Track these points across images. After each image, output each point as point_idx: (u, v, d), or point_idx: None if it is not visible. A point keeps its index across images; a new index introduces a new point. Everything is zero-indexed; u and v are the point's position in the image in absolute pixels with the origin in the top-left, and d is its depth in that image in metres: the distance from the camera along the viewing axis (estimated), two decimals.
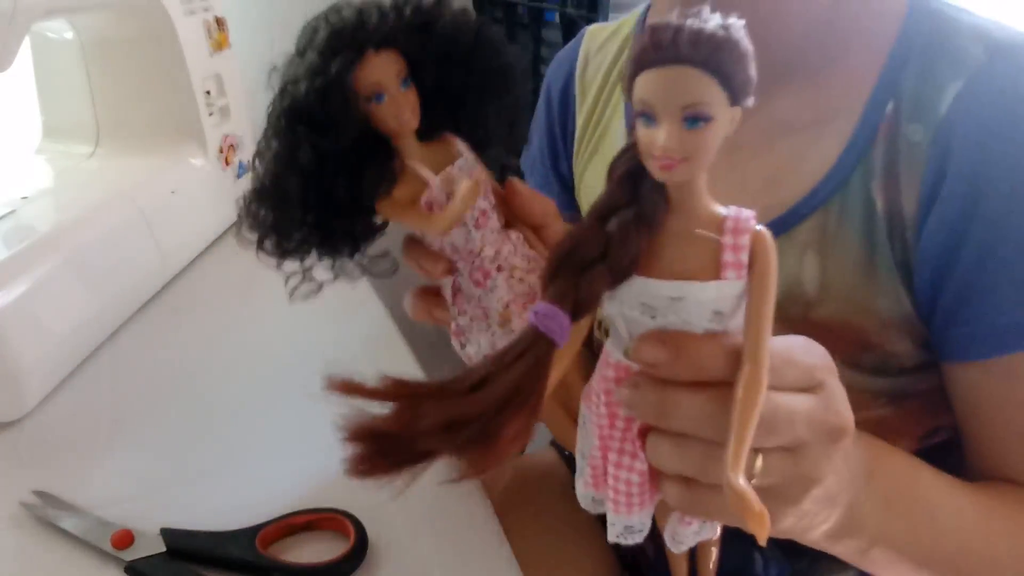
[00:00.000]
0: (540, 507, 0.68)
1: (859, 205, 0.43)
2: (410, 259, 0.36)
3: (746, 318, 0.24)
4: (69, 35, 0.74)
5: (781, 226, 0.45)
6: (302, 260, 0.36)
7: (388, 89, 0.31)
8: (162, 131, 0.78)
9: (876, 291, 0.43)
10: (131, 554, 0.41)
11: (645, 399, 0.26)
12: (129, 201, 0.68)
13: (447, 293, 0.36)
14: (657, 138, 0.21)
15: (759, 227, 0.24)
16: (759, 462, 0.26)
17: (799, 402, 0.26)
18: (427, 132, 0.34)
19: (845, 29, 0.45)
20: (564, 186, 0.64)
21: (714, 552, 0.34)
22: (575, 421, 0.34)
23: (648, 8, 0.58)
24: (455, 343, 0.37)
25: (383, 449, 0.24)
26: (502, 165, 0.37)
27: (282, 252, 0.36)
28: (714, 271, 0.24)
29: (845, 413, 0.28)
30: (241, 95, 0.88)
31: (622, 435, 0.28)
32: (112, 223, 0.65)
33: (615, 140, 0.57)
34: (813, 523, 0.31)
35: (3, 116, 0.89)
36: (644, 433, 0.28)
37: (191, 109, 0.78)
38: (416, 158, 0.33)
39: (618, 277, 0.24)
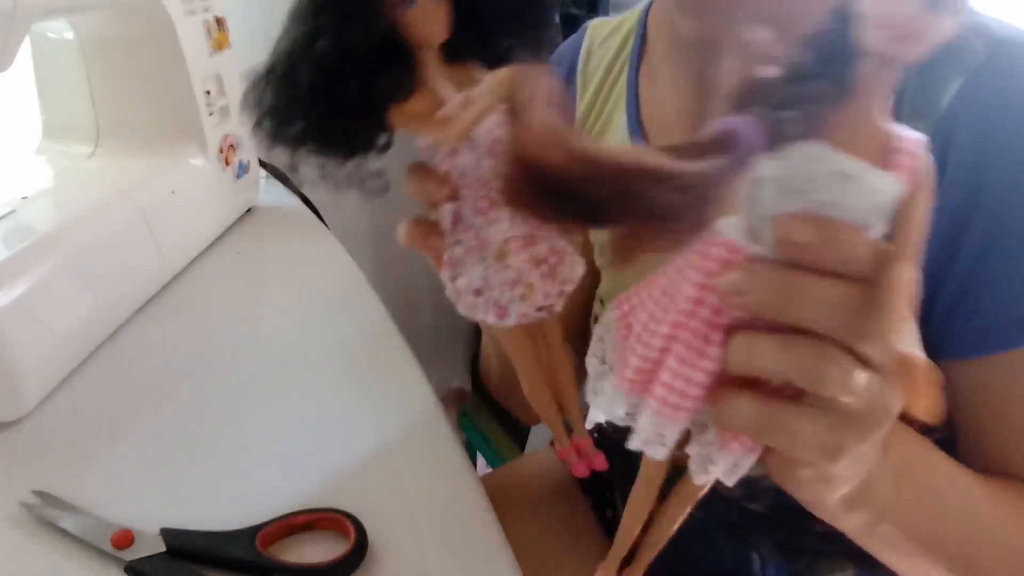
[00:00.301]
0: (540, 507, 0.68)
1: None
2: (414, 181, 0.34)
3: (905, 218, 0.23)
4: (69, 35, 0.74)
5: None
6: (294, 151, 0.35)
7: None
8: (162, 131, 0.78)
9: None
10: (131, 554, 0.41)
11: (767, 282, 0.24)
12: (129, 201, 0.68)
13: (446, 220, 0.35)
14: (900, 6, 0.21)
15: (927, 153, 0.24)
16: (862, 382, 0.25)
17: (910, 327, 0.25)
18: (453, 56, 0.33)
19: None
20: None
21: (686, 512, 0.32)
22: (561, 410, 0.33)
23: (650, 5, 0.58)
24: (445, 276, 0.36)
25: (545, 190, 0.20)
26: None
27: (277, 138, 0.34)
28: (886, 165, 0.23)
29: (920, 353, 0.28)
30: (241, 95, 0.87)
31: (699, 327, 0.26)
32: (112, 223, 0.65)
33: (616, 134, 0.57)
34: (856, 473, 0.30)
35: (3, 116, 0.89)
36: (726, 332, 0.26)
37: (191, 109, 0.78)
38: (438, 74, 0.32)
39: (810, 133, 0.23)
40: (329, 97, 0.32)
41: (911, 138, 0.24)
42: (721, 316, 0.26)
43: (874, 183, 0.23)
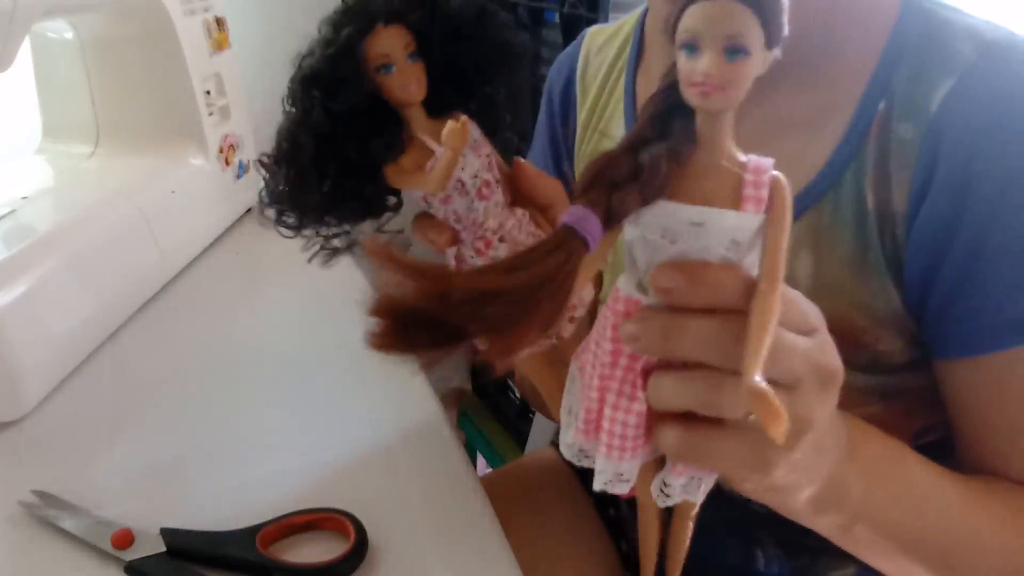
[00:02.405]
0: (540, 507, 0.68)
1: (851, 202, 0.43)
2: (418, 232, 0.37)
3: (764, 247, 0.25)
4: (69, 35, 0.74)
5: None
6: (317, 229, 0.39)
7: (396, 60, 0.33)
8: (162, 131, 0.78)
9: (867, 288, 0.43)
10: (131, 554, 0.41)
11: (652, 327, 0.26)
12: (129, 201, 0.68)
13: (451, 262, 0.37)
14: (699, 65, 0.23)
15: (776, 172, 0.26)
16: None
17: (798, 340, 0.27)
18: (438, 110, 0.36)
19: (841, 29, 0.45)
20: (566, 185, 0.64)
21: (690, 527, 0.34)
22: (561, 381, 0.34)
23: (647, 10, 0.58)
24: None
25: (406, 324, 0.23)
26: (511, 147, 0.39)
27: (299, 219, 0.38)
28: (735, 202, 0.25)
29: (836, 360, 0.29)
30: (241, 95, 0.88)
31: (623, 375, 0.28)
32: (112, 223, 0.65)
33: (615, 139, 0.58)
34: (801, 481, 0.31)
35: (3, 116, 0.89)
36: (646, 375, 0.28)
37: (191, 109, 0.78)
38: (424, 130, 0.35)
39: (647, 198, 0.25)
40: (332, 163, 0.35)
41: (760, 167, 0.25)
42: (638, 362, 0.28)
43: (722, 223, 0.25)
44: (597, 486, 0.30)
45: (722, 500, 0.57)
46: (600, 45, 0.61)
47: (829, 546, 0.55)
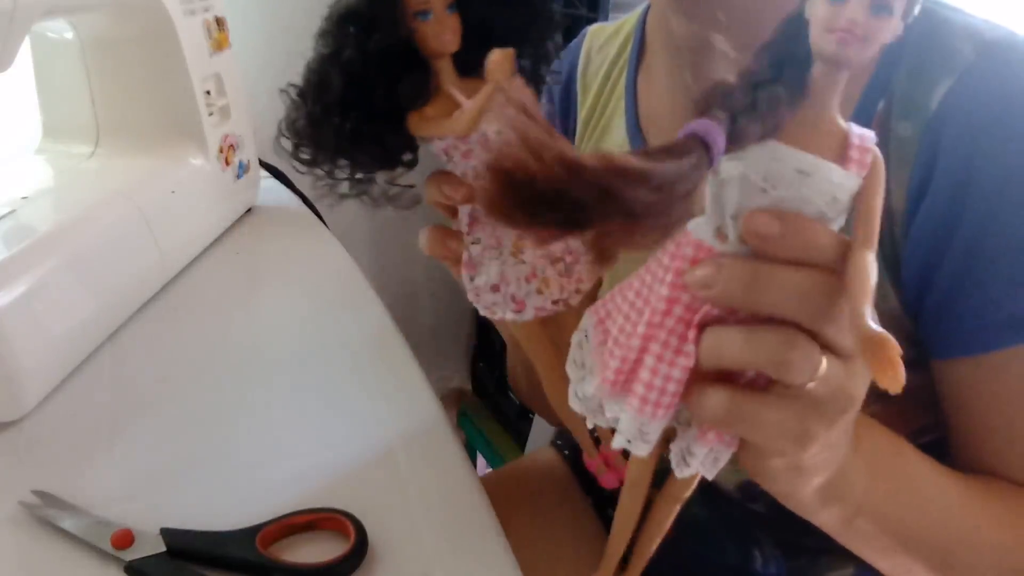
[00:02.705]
0: (540, 507, 0.68)
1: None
2: (433, 186, 0.37)
3: (860, 210, 0.25)
4: (69, 35, 0.74)
5: None
6: (331, 171, 0.38)
7: (434, 8, 0.34)
8: (162, 131, 0.78)
9: None
10: (131, 554, 0.41)
11: (734, 273, 0.25)
12: (129, 201, 0.68)
13: (464, 221, 0.37)
14: (846, 11, 0.23)
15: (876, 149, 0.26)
16: (824, 364, 0.26)
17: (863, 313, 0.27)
18: (468, 68, 0.36)
19: None
20: None
21: (674, 513, 0.33)
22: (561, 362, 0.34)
23: (648, 8, 0.58)
24: (465, 277, 0.38)
25: (527, 192, 0.20)
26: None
27: (313, 156, 0.37)
28: (841, 161, 0.25)
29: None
30: (241, 95, 0.88)
31: (673, 325, 0.27)
32: (112, 223, 0.65)
33: (616, 138, 0.58)
34: (827, 463, 0.31)
35: (3, 116, 0.89)
36: (699, 329, 0.27)
37: (191, 109, 0.78)
38: (452, 84, 0.35)
39: (766, 133, 0.24)
40: (358, 103, 0.35)
41: (864, 135, 0.26)
42: (695, 314, 0.27)
43: (830, 177, 0.25)
44: (617, 443, 0.29)
45: (720, 500, 0.57)
46: (601, 43, 0.61)
47: (827, 546, 0.55)
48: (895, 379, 0.22)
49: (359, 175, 0.39)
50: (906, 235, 0.42)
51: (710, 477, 0.30)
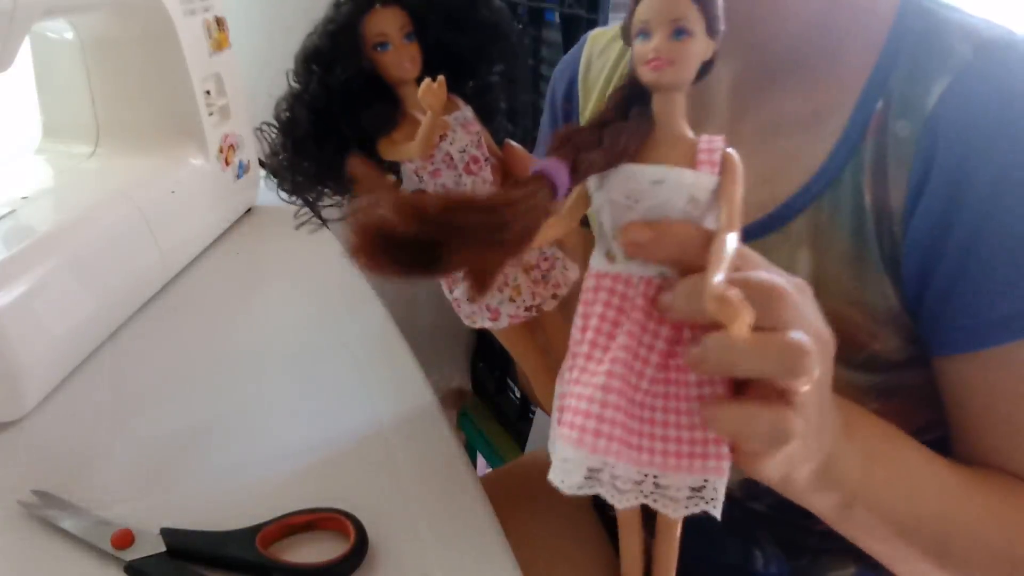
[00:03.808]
0: (540, 507, 0.68)
1: (849, 200, 0.43)
2: None
3: (722, 201, 0.28)
4: (69, 35, 0.74)
5: (776, 221, 0.45)
6: (315, 197, 0.40)
7: (392, 39, 0.35)
8: (162, 131, 0.78)
9: (865, 285, 0.44)
10: (131, 554, 0.41)
11: (680, 291, 0.27)
12: (129, 201, 0.68)
13: None
14: (651, 44, 0.27)
15: (729, 149, 0.28)
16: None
17: (805, 303, 0.28)
18: None
19: (839, 29, 0.45)
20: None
21: (676, 545, 0.33)
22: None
23: None
24: (445, 288, 0.40)
25: (386, 241, 0.23)
26: (505, 132, 0.41)
27: (294, 187, 0.40)
28: (691, 165, 0.28)
29: (825, 327, 0.30)
30: (241, 95, 0.88)
31: (589, 351, 0.29)
32: (112, 223, 0.65)
33: None
34: (807, 452, 0.32)
35: (3, 116, 0.89)
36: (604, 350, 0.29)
37: (191, 109, 0.78)
38: (418, 108, 0.36)
39: (610, 161, 0.28)
40: (328, 134, 0.37)
41: (712, 140, 0.28)
42: (600, 335, 0.29)
43: (682, 180, 0.28)
44: (551, 477, 0.29)
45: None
46: (602, 47, 0.61)
47: (828, 546, 0.55)
48: (743, 326, 0.24)
49: (346, 200, 0.40)
50: (905, 234, 0.42)
51: (717, 512, 0.30)
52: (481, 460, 1.40)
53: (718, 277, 0.25)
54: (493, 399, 1.46)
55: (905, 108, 0.42)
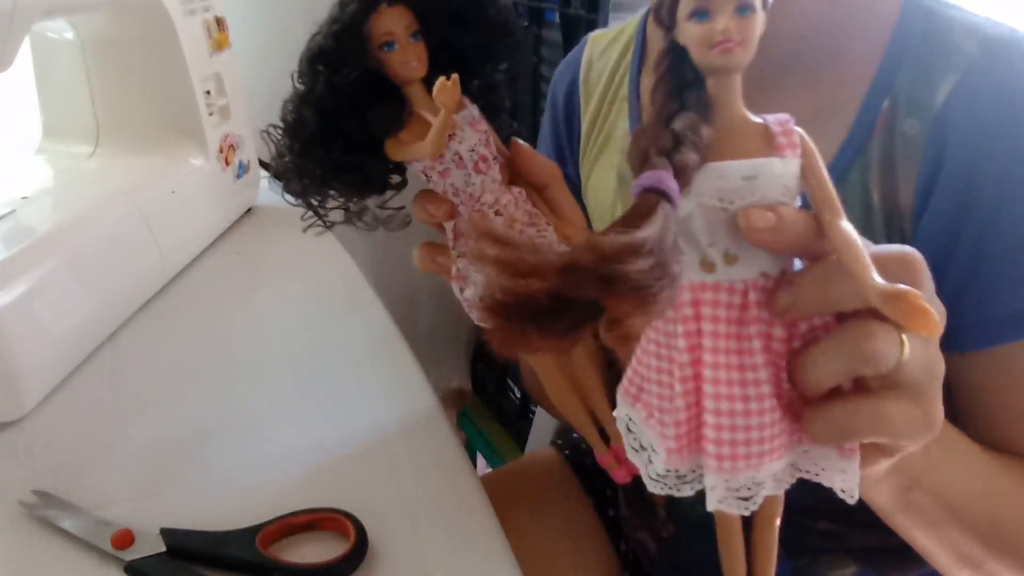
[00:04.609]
0: (540, 507, 0.68)
1: (857, 199, 0.43)
2: (419, 207, 0.38)
3: (810, 185, 0.26)
4: (69, 35, 0.74)
5: None
6: (321, 200, 0.40)
7: (398, 38, 0.35)
8: (162, 131, 0.78)
9: None
10: (131, 554, 0.41)
11: (804, 284, 0.25)
12: (129, 201, 0.68)
13: (448, 236, 0.38)
14: (717, 25, 0.25)
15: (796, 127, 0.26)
16: (907, 348, 0.26)
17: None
18: None
19: (843, 28, 0.45)
20: (572, 189, 0.64)
21: (777, 531, 0.32)
22: (588, 409, 0.34)
23: (648, 11, 0.58)
24: (455, 288, 0.39)
25: (531, 313, 0.20)
26: (510, 130, 0.41)
27: (301, 189, 0.39)
28: (773, 151, 0.26)
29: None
30: (241, 95, 0.88)
31: (713, 375, 0.26)
32: (112, 223, 0.65)
33: (619, 142, 0.58)
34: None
35: (3, 116, 0.89)
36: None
37: (191, 109, 0.78)
38: (425, 107, 0.36)
39: (701, 156, 0.25)
40: (335, 135, 0.37)
41: (780, 119, 0.26)
42: (719, 355, 0.27)
43: (773, 171, 0.26)
44: (711, 507, 0.28)
45: None
46: (602, 49, 0.61)
47: (829, 546, 0.55)
48: (929, 323, 0.22)
49: (351, 203, 0.40)
50: (914, 232, 0.42)
51: (854, 496, 0.29)
52: (481, 460, 1.40)
53: (874, 274, 0.23)
54: (493, 399, 1.46)
55: (913, 107, 0.42)
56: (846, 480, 0.28)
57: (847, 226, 0.25)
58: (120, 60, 0.76)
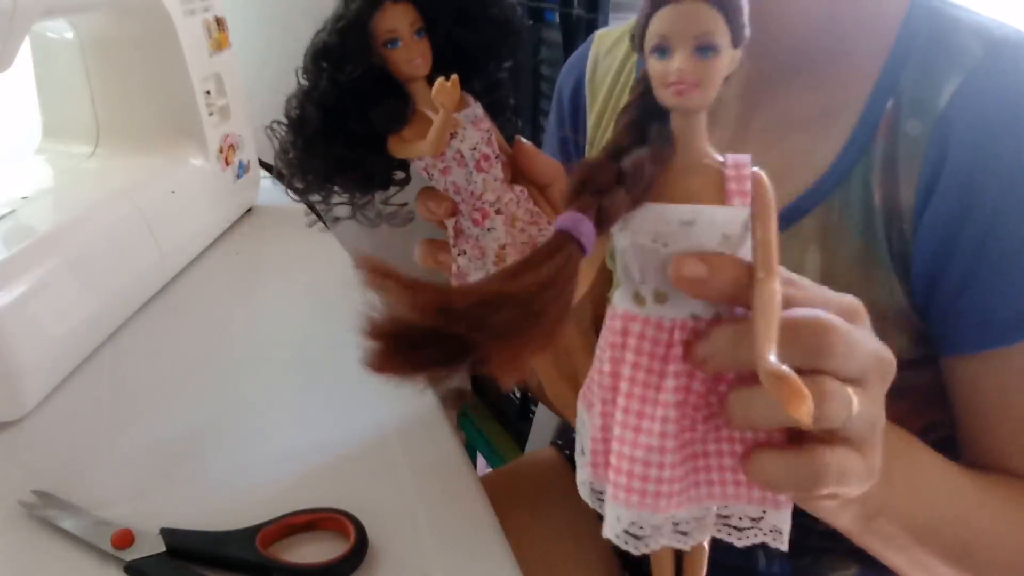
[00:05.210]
0: (540, 507, 0.68)
1: (859, 199, 0.43)
2: (420, 204, 0.39)
3: (755, 239, 0.25)
4: (69, 35, 0.74)
5: (786, 220, 0.45)
6: (324, 196, 0.40)
7: (402, 36, 0.35)
8: (162, 131, 0.78)
9: (874, 285, 0.43)
10: (131, 554, 0.41)
11: (723, 338, 0.25)
12: (129, 201, 0.68)
13: (449, 234, 0.39)
14: (672, 65, 0.24)
15: (755, 167, 0.25)
16: (855, 402, 0.25)
17: (858, 331, 0.26)
18: None
19: (848, 28, 0.45)
20: None
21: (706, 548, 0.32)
22: (574, 389, 0.34)
23: None
24: (455, 285, 0.39)
25: (408, 342, 0.21)
26: (514, 128, 0.41)
27: (305, 185, 0.39)
28: (720, 198, 0.25)
29: (888, 350, 0.28)
30: (241, 95, 0.88)
31: (626, 403, 0.26)
32: (112, 223, 0.65)
33: None
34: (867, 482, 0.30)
35: (3, 116, 0.89)
36: (650, 403, 0.26)
37: (191, 109, 0.78)
38: (428, 105, 0.36)
39: (635, 200, 0.25)
40: (338, 132, 0.37)
41: (738, 161, 0.26)
42: (648, 389, 0.26)
43: (714, 219, 0.25)
44: (605, 532, 0.27)
45: None
46: (608, 47, 0.61)
47: (831, 546, 0.55)
48: (802, 410, 0.21)
49: (356, 199, 0.40)
50: (915, 232, 0.42)
51: (784, 545, 0.29)
52: (481, 460, 1.40)
53: (771, 351, 0.23)
54: (493, 399, 1.46)
55: (916, 107, 0.42)
56: (776, 536, 0.28)
57: (773, 288, 0.24)
58: (120, 60, 0.76)
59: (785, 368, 0.22)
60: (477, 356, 0.22)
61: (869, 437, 0.27)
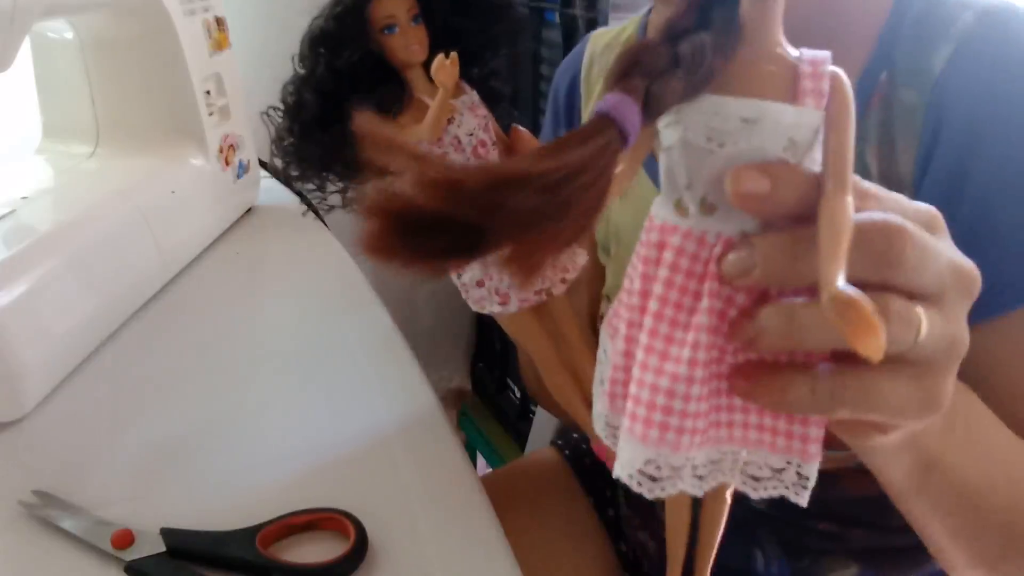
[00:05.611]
0: (540, 507, 0.68)
1: (855, 172, 0.43)
2: None
3: (827, 145, 0.22)
4: (69, 35, 0.74)
5: None
6: (319, 184, 0.40)
7: (399, 22, 0.35)
8: (162, 131, 0.78)
9: None
10: (131, 554, 0.41)
11: (772, 248, 0.22)
12: (129, 201, 0.68)
13: None
14: None
15: (836, 67, 0.22)
16: (924, 324, 0.22)
17: (934, 240, 0.23)
18: None
19: (841, 9, 0.46)
20: None
21: (727, 505, 0.29)
22: (587, 400, 0.33)
23: (650, 11, 0.58)
24: (453, 274, 0.39)
25: (410, 225, 0.18)
26: (509, 118, 0.41)
27: (301, 171, 0.39)
28: (792, 96, 0.22)
29: (967, 261, 0.25)
30: (241, 95, 0.88)
31: (654, 326, 0.23)
32: (112, 223, 0.65)
33: None
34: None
35: (3, 116, 0.89)
36: (682, 328, 0.23)
37: (191, 109, 0.78)
38: (425, 92, 0.36)
39: (692, 88, 0.21)
40: (334, 118, 0.37)
41: (817, 58, 0.22)
42: (680, 310, 0.23)
43: (780, 119, 0.22)
44: (616, 471, 0.24)
45: None
46: (603, 47, 0.61)
47: (830, 547, 0.55)
48: (875, 345, 0.19)
49: (351, 187, 0.40)
50: (915, 199, 0.42)
51: (803, 502, 0.26)
52: (481, 460, 1.40)
53: (840, 274, 0.20)
54: (493, 399, 1.46)
55: (910, 77, 0.43)
56: (798, 491, 0.25)
57: (846, 203, 0.21)
58: (120, 60, 0.76)
59: (855, 293, 0.19)
60: (489, 247, 0.18)
61: (941, 360, 0.24)
